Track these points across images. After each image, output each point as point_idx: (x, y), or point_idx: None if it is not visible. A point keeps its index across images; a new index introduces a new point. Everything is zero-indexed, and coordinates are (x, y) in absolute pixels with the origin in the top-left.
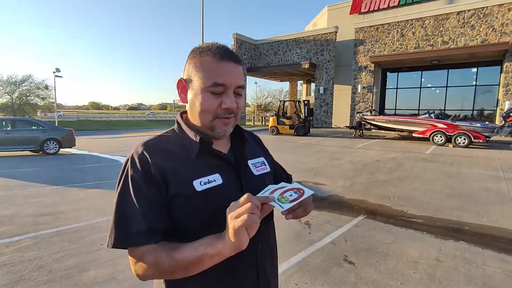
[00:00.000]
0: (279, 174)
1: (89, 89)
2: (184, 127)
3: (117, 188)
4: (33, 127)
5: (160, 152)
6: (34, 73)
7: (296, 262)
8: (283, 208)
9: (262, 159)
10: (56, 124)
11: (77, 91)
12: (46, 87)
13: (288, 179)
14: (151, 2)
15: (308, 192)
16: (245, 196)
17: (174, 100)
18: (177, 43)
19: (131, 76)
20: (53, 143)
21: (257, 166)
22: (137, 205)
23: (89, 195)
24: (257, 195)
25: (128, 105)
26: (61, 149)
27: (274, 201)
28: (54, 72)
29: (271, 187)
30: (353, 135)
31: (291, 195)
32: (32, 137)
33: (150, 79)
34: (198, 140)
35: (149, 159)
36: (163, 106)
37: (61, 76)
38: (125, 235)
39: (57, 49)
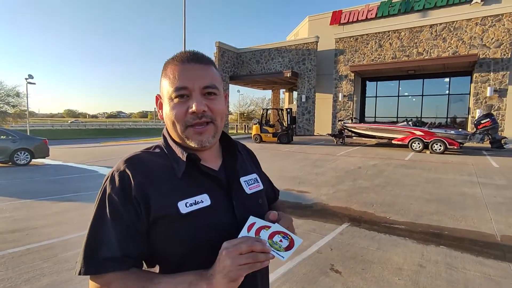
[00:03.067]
0: (267, 192)
1: (65, 96)
2: (170, 142)
3: (94, 207)
4: (2, 137)
5: (143, 170)
6: (4, 79)
7: (283, 273)
8: (283, 257)
9: (255, 175)
10: (28, 133)
11: (52, 99)
12: (18, 94)
13: (275, 195)
14: (130, 9)
15: (297, 241)
16: (243, 240)
17: (155, 108)
18: (159, 49)
19: (110, 84)
20: (24, 154)
21: (250, 184)
22: (112, 227)
23: (63, 209)
24: (242, 230)
25: (106, 113)
26: (33, 160)
27: (272, 250)
28: (26, 79)
29: (254, 220)
30: (334, 142)
31: (281, 241)
32: (1, 147)
33: (131, 86)
34: (185, 158)
35: (131, 177)
36: (144, 114)
37: (34, 83)
38: (93, 260)
39: (30, 54)
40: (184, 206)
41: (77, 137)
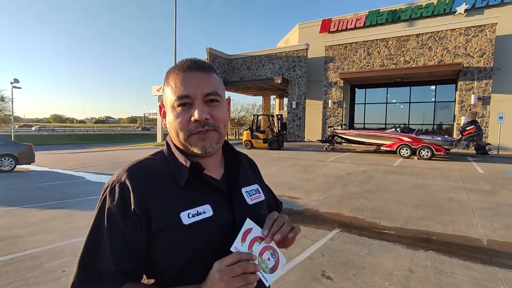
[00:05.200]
0: (269, 203)
1: (51, 101)
2: (174, 149)
3: (92, 217)
4: None
5: (144, 180)
6: None
7: (274, 279)
8: (267, 281)
9: (256, 186)
10: (13, 139)
11: (38, 104)
12: (2, 99)
13: (278, 207)
14: (118, 14)
15: (282, 261)
16: (235, 259)
17: (144, 114)
18: (149, 54)
19: (99, 89)
20: (8, 160)
21: (251, 194)
22: (109, 241)
23: (49, 217)
24: (237, 238)
25: (95, 118)
26: (18, 166)
27: (260, 271)
28: (12, 83)
29: (250, 225)
30: (324, 148)
31: (268, 259)
32: None
33: (120, 92)
34: (188, 166)
35: (130, 189)
36: (133, 120)
37: (19, 87)
38: (88, 274)
39: (17, 58)
40: (187, 217)
41: (64, 143)
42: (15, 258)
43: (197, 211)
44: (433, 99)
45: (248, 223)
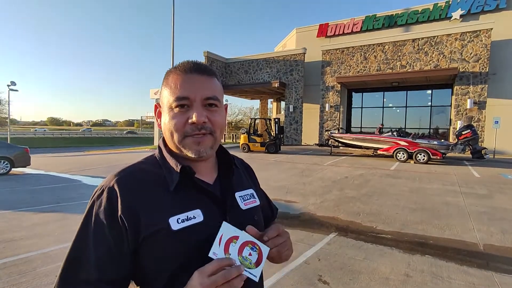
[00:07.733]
0: (264, 210)
1: (48, 104)
2: (165, 153)
3: (79, 223)
4: None
5: (133, 186)
6: None
7: (270, 284)
8: (256, 276)
9: (251, 191)
10: (9, 141)
11: (35, 106)
12: None
13: (272, 214)
14: (115, 17)
15: (265, 250)
16: (216, 267)
17: (141, 117)
18: (146, 57)
19: (96, 92)
20: (3, 162)
21: (245, 199)
22: (94, 248)
23: (44, 220)
24: (215, 242)
25: (92, 121)
26: (13, 169)
27: (245, 270)
28: (8, 86)
29: (225, 230)
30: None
31: (250, 254)
32: None
33: (117, 95)
34: (178, 170)
35: (118, 195)
36: (130, 123)
37: (16, 90)
38: (69, 280)
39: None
40: (176, 223)
41: (60, 146)
42: (8, 262)
43: (187, 216)
44: (429, 103)
45: (224, 227)
